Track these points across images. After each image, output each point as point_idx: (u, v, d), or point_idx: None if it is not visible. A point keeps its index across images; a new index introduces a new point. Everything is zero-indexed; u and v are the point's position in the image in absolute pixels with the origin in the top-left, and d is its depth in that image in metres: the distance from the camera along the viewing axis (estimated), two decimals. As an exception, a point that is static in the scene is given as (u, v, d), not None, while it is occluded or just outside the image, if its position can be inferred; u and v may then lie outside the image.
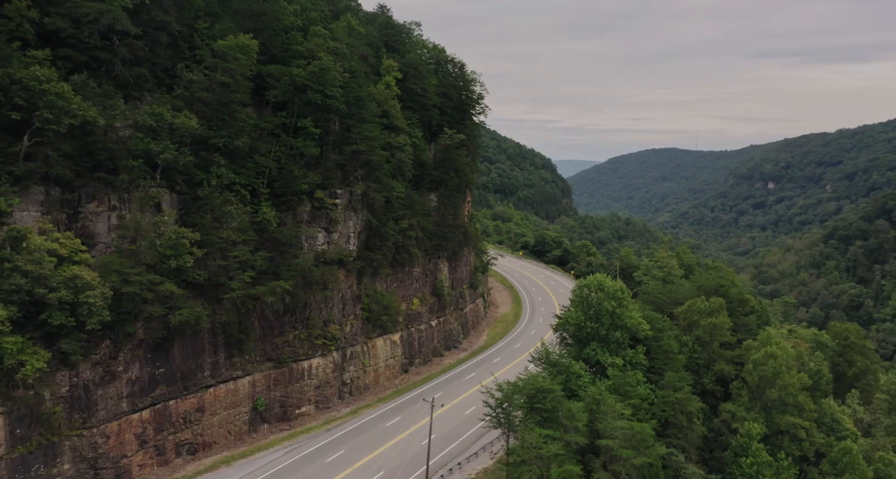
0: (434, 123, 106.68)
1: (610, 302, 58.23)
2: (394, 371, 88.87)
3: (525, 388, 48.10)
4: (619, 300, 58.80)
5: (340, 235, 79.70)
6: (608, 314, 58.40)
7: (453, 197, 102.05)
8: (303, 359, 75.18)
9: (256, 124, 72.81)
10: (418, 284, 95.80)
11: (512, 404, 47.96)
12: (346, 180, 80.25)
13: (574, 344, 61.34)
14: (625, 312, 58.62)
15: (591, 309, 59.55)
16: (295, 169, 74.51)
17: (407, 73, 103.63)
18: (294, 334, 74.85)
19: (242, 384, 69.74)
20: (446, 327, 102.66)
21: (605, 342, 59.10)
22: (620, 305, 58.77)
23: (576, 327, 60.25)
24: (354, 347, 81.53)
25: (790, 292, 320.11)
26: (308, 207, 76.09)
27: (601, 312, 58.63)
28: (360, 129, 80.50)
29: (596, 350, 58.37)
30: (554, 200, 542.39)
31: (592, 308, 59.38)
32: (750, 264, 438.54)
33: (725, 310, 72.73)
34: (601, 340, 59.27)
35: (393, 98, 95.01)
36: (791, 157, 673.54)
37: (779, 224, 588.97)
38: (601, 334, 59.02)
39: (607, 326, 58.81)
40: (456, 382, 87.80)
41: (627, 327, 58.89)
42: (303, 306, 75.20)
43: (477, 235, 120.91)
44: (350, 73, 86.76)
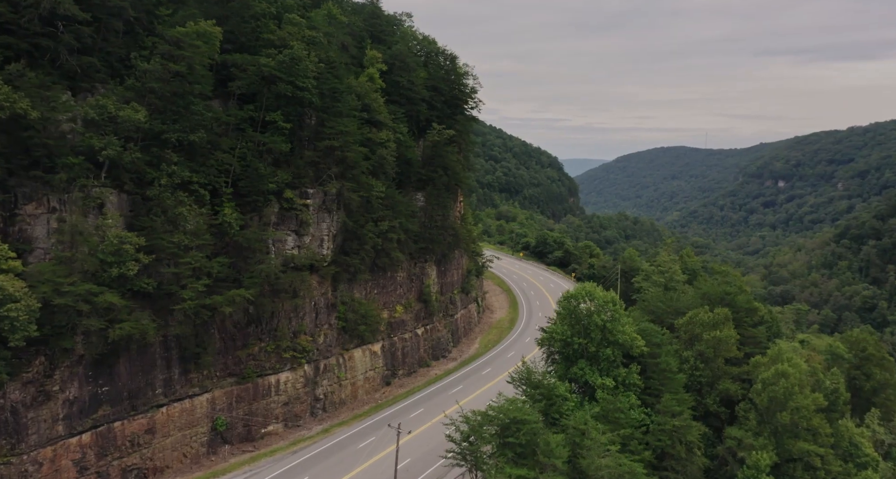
0: (422, 119, 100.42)
1: (600, 316, 51.83)
2: (374, 384, 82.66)
3: (497, 417, 41.81)
4: (611, 313, 52.36)
5: (313, 239, 73.55)
6: (598, 329, 52.00)
7: (442, 196, 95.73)
8: (269, 373, 69.11)
9: (217, 118, 66.75)
10: (403, 289, 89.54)
11: (479, 437, 41.56)
12: (319, 179, 74.09)
13: (560, 361, 55.00)
14: (617, 326, 52.16)
15: (578, 323, 53.19)
16: (261, 167, 68.46)
17: (393, 65, 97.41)
18: (260, 346, 68.78)
19: (200, 402, 63.71)
20: (434, 335, 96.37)
21: (594, 360, 52.72)
22: (612, 318, 52.32)
23: (562, 343, 53.90)
24: (328, 359, 75.37)
25: (801, 293, 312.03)
26: (276, 209, 70.01)
27: (590, 326, 52.24)
28: (335, 123, 74.33)
29: (584, 369, 51.99)
30: (560, 198, 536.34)
31: (580, 322, 53.01)
32: (760, 263, 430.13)
33: (731, 321, 66.08)
34: (590, 358, 52.88)
35: (376, 91, 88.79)
36: (801, 155, 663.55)
37: (789, 223, 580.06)
38: (590, 351, 52.59)
39: (597, 342, 52.39)
40: (441, 396, 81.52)
41: (620, 343, 52.44)
42: (269, 315, 69.13)
43: (470, 237, 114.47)
44: (327, 64, 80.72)
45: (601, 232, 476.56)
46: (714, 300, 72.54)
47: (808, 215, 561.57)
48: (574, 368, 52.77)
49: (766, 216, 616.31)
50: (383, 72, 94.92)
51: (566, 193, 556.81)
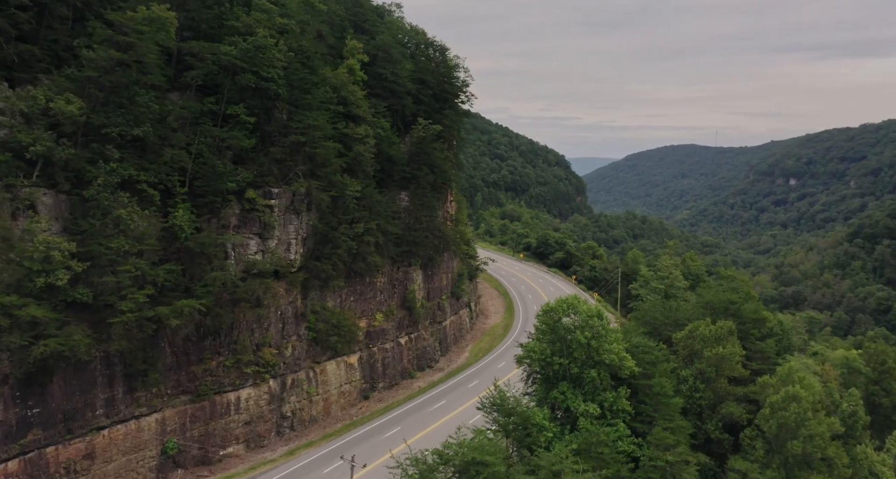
0: (408, 113, 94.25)
1: (583, 333, 45.52)
2: (350, 399, 76.59)
3: (455, 457, 35.54)
4: (596, 330, 46.01)
5: (279, 243, 67.54)
6: (581, 348, 45.68)
7: (427, 196, 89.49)
8: (228, 390, 63.15)
9: (169, 111, 60.85)
10: (384, 296, 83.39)
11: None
12: (285, 178, 68.07)
13: (540, 383, 48.73)
14: (603, 344, 45.81)
15: (559, 341, 46.89)
16: (219, 164, 62.53)
17: (376, 56, 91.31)
18: (218, 360, 62.83)
19: (148, 423, 57.81)
20: (419, 344, 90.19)
21: (577, 383, 46.39)
22: (597, 335, 45.96)
23: (541, 364, 47.64)
24: (297, 373, 69.36)
25: (813, 295, 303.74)
26: (236, 210, 64.06)
27: (572, 345, 45.91)
28: (302, 117, 68.31)
29: (565, 394, 45.67)
30: (567, 197, 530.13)
31: (561, 340, 46.71)
32: (771, 263, 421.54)
33: (736, 335, 59.49)
34: (573, 380, 46.55)
35: (354, 83, 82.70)
36: (813, 152, 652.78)
37: (801, 222, 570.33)
38: (573, 372, 46.29)
39: (580, 362, 46.04)
40: (421, 412, 75.40)
41: (606, 363, 46.09)
42: (228, 327, 63.17)
43: (462, 239, 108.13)
44: (298, 54, 74.81)
45: (609, 231, 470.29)
46: (717, 310, 65.93)
47: (819, 214, 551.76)
48: (554, 392, 46.48)
49: (777, 215, 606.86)
50: (365, 63, 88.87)
51: (573, 191, 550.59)
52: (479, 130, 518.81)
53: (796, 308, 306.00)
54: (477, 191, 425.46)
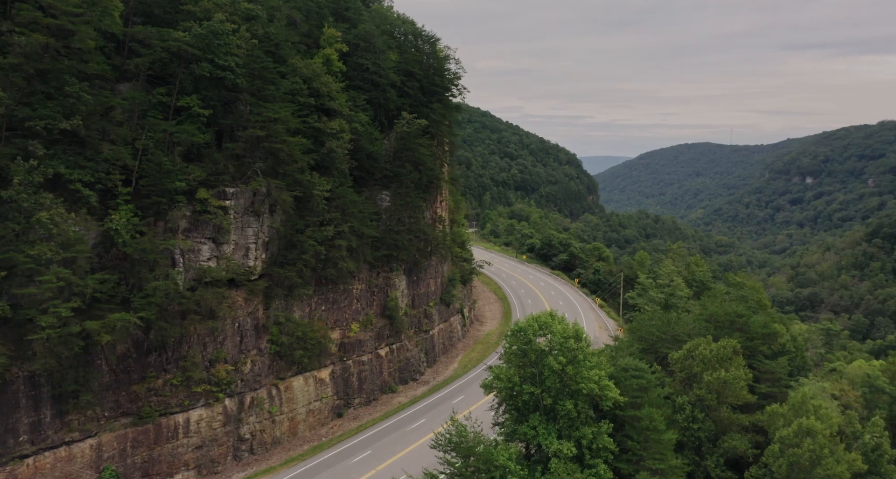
0: (392, 107, 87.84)
1: (557, 358, 38.87)
2: (321, 417, 70.32)
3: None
4: (572, 354, 39.30)
5: (236, 248, 61.37)
6: (554, 376, 39.04)
7: (410, 196, 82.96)
8: (176, 411, 57.04)
9: (111, 103, 54.88)
10: (361, 304, 77.04)
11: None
12: (243, 176, 61.88)
13: (510, 412, 42.10)
14: (581, 371, 39.13)
15: (529, 367, 40.28)
16: (166, 161, 56.40)
17: (357, 46, 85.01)
18: (164, 379, 56.73)
19: (81, 450, 51.79)
20: (402, 355, 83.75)
21: (551, 416, 39.79)
22: (574, 361, 39.27)
23: (508, 393, 41.05)
24: (257, 391, 63.17)
25: (830, 297, 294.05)
26: (187, 212, 57.90)
27: (544, 371, 39.28)
28: (262, 109, 62.09)
29: (537, 429, 39.04)
30: (578, 196, 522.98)
31: (532, 365, 40.08)
32: (787, 263, 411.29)
33: (741, 355, 52.49)
34: (546, 412, 39.96)
35: (329, 74, 76.43)
36: (830, 150, 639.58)
37: (817, 221, 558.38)
38: (545, 404, 39.69)
39: (554, 392, 39.43)
40: (397, 432, 68.99)
41: (584, 393, 39.38)
42: (176, 342, 57.05)
43: (452, 241, 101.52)
44: (264, 41, 68.73)
45: (620, 231, 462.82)
46: (722, 324, 58.91)
47: (837, 213, 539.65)
48: (523, 426, 39.90)
49: (794, 214, 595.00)
50: (345, 53, 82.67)
51: (585, 190, 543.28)
52: (488, 128, 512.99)
53: (812, 310, 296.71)
54: (486, 190, 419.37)
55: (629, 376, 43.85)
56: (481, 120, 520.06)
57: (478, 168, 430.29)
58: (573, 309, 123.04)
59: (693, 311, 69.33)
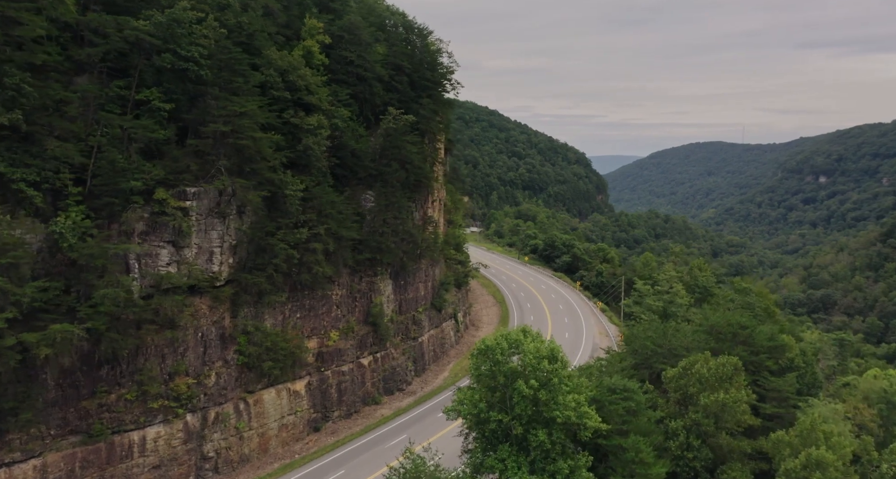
0: (379, 103, 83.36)
1: (528, 382, 34.13)
2: (295, 432, 65.98)
3: None
4: (546, 377, 34.58)
5: (199, 252, 57.09)
6: (525, 402, 34.37)
7: (396, 196, 78.45)
8: (131, 429, 52.84)
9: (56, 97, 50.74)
10: (341, 311, 72.64)
11: None
12: (206, 175, 57.60)
13: (478, 443, 37.41)
14: (556, 396, 34.41)
15: (498, 391, 35.61)
16: (120, 159, 52.24)
17: (341, 37, 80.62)
18: (118, 393, 52.55)
19: (23, 471, 47.66)
20: (387, 364, 79.30)
21: (522, 447, 35.13)
22: (547, 385, 34.56)
23: (474, 419, 36.41)
24: (223, 405, 58.88)
25: (844, 299, 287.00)
26: (144, 213, 53.73)
27: (513, 396, 34.60)
28: (227, 103, 57.79)
29: (506, 462, 34.43)
30: (587, 196, 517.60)
31: (500, 389, 35.42)
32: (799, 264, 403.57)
33: (743, 373, 47.51)
34: (517, 442, 35.31)
35: (307, 66, 72.12)
36: (844, 149, 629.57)
37: (831, 220, 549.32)
38: (516, 433, 35.05)
39: (526, 420, 34.80)
40: (376, 448, 64.53)
41: (560, 422, 34.62)
42: (131, 354, 52.84)
43: (445, 243, 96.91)
44: (235, 31, 64.58)
45: (629, 231, 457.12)
46: (724, 336, 53.98)
47: (850, 212, 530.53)
48: (490, 458, 35.28)
49: (807, 213, 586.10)
50: (328, 46, 78.35)
51: (594, 190, 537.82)
52: (496, 127, 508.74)
53: (825, 313, 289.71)
54: (493, 189, 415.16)
55: (616, 398, 39.14)
56: (489, 119, 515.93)
57: (485, 167, 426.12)
58: (574, 314, 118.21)
59: (694, 320, 64.40)
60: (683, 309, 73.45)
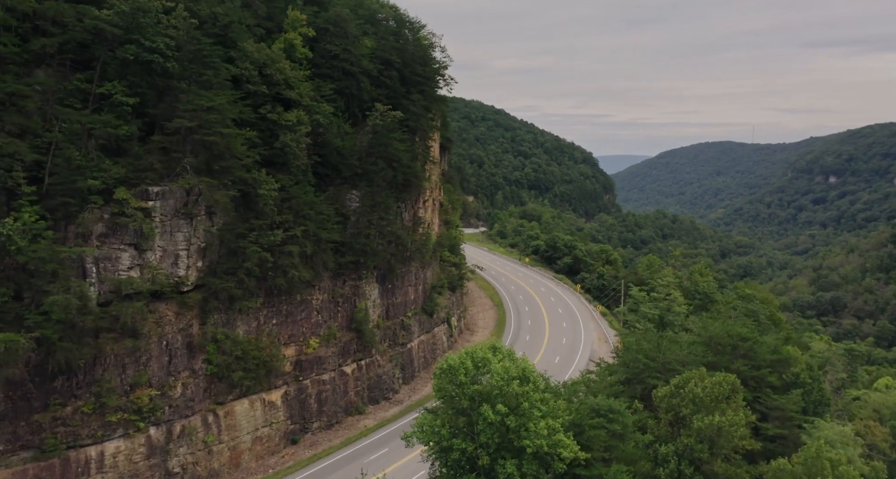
0: (367, 99, 79.84)
1: (493, 407, 30.49)
2: (271, 445, 62.56)
3: None
4: (516, 400, 30.90)
5: (164, 255, 53.74)
6: (491, 429, 30.76)
7: (381, 196, 74.90)
8: (88, 443, 49.54)
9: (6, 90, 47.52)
10: (322, 316, 69.18)
11: None
12: (171, 173, 54.24)
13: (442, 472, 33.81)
14: (527, 423, 30.75)
15: (462, 416, 31.99)
16: (77, 156, 49.02)
17: (326, 30, 77.22)
18: (74, 406, 49.26)
19: (-33, 492, 44.50)
20: (372, 372, 75.80)
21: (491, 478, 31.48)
22: (516, 410, 30.87)
23: (436, 447, 32.76)
24: (189, 418, 55.50)
25: (854, 301, 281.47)
26: (104, 214, 50.44)
27: (478, 423, 31.00)
28: (195, 97, 54.40)
29: (472, 496, 30.90)
30: (594, 196, 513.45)
31: (464, 414, 31.80)
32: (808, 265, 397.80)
33: (741, 393, 43.57)
34: (485, 474, 31.65)
35: (288, 60, 68.77)
36: (854, 149, 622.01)
37: (841, 221, 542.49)
38: (482, 464, 31.43)
39: (493, 449, 31.21)
40: (354, 463, 60.95)
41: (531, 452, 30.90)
42: (89, 363, 49.54)
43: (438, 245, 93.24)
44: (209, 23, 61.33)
45: (636, 231, 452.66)
46: (723, 349, 50.11)
47: (861, 213, 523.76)
48: (453, 491, 31.81)
49: (816, 214, 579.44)
50: (312, 39, 74.99)
51: (601, 189, 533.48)
52: (502, 126, 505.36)
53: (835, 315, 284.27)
54: (498, 189, 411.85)
55: (599, 422, 35.47)
56: (494, 118, 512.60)
57: (490, 167, 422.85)
58: (573, 318, 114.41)
59: (693, 329, 60.50)
60: (681, 317, 69.26)
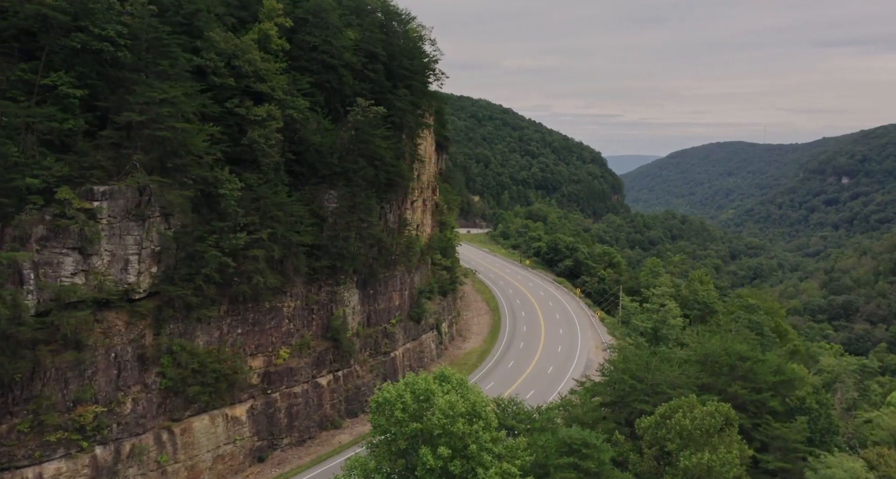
0: (349, 93, 75.52)
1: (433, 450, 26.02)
2: (234, 464, 58.33)
3: None
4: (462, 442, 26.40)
5: (113, 260, 49.55)
6: (434, 476, 26.28)
7: (361, 196, 70.50)
8: (24, 465, 45.40)
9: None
10: (294, 325, 64.89)
11: None
12: (122, 171, 50.06)
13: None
14: (475, 468, 26.18)
15: (401, 457, 27.56)
16: (14, 152, 44.94)
17: (306, 20, 72.98)
18: (9, 424, 45.13)
19: None
20: (351, 383, 71.49)
21: (435, 531, 27.19)
22: (463, 451, 26.35)
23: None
24: (140, 436, 51.29)
25: (866, 305, 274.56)
26: (46, 216, 46.34)
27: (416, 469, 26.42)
28: (146, 89, 50.19)
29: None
30: (602, 196, 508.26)
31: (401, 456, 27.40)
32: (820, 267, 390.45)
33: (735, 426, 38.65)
34: (429, 524, 27.39)
35: (261, 51, 64.52)
36: (868, 149, 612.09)
37: (853, 222, 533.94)
38: (425, 514, 27.07)
39: (438, 497, 26.88)
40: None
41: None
42: (26, 378, 45.45)
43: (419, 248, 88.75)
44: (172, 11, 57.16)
45: (644, 232, 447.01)
46: (719, 369, 45.19)
47: (874, 214, 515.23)
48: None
49: (829, 215, 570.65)
50: (288, 29, 70.71)
51: (609, 190, 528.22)
52: (509, 125, 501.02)
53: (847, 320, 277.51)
54: (504, 189, 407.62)
55: (571, 460, 30.88)
56: (502, 117, 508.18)
57: (497, 166, 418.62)
58: (570, 324, 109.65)
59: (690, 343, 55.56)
60: (676, 331, 63.75)
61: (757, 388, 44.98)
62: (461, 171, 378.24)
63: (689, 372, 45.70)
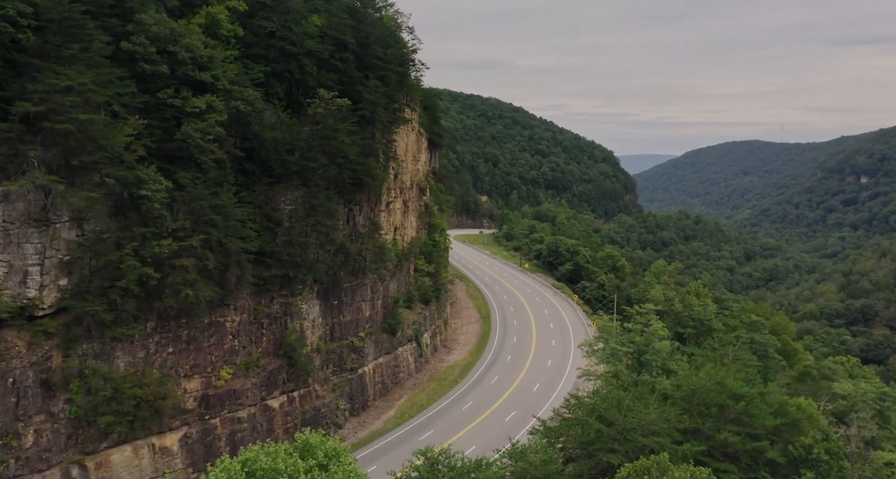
0: (313, 84, 68.84)
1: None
2: (164, 499, 51.71)
3: None
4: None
5: (10, 272, 43.07)
6: None
7: (320, 198, 63.69)
8: None
9: None
10: (239, 342, 58.20)
11: None
12: (20, 169, 43.54)
13: None
14: None
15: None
16: None
17: (263, 5, 66.40)
18: None
19: None
20: (308, 404, 64.73)
21: None
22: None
23: None
24: (45, 473, 44.77)
25: (886, 310, 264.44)
26: (-76, 221, 39.93)
27: None
28: (49, 75, 43.64)
29: None
30: (614, 196, 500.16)
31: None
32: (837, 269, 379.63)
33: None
34: None
35: (202, 35, 57.85)
36: (887, 148, 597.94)
37: (873, 223, 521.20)
38: None
39: None
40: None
41: None
42: None
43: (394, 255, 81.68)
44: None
45: (657, 232, 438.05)
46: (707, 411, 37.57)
47: (894, 215, 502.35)
48: None
49: (847, 215, 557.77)
50: (243, 13, 64.13)
51: (621, 189, 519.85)
52: (520, 124, 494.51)
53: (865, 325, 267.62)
54: (513, 189, 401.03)
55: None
56: (512, 116, 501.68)
57: (506, 165, 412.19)
58: (564, 334, 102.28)
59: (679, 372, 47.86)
60: (662, 355, 55.66)
61: (753, 433, 37.31)
62: (468, 170, 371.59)
63: (669, 414, 38.12)
